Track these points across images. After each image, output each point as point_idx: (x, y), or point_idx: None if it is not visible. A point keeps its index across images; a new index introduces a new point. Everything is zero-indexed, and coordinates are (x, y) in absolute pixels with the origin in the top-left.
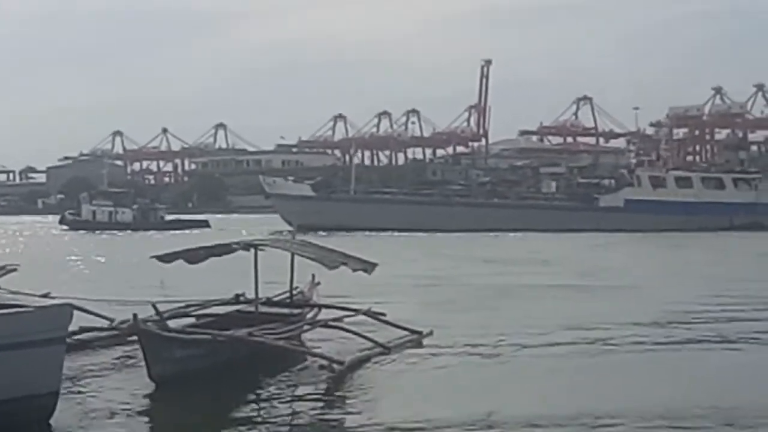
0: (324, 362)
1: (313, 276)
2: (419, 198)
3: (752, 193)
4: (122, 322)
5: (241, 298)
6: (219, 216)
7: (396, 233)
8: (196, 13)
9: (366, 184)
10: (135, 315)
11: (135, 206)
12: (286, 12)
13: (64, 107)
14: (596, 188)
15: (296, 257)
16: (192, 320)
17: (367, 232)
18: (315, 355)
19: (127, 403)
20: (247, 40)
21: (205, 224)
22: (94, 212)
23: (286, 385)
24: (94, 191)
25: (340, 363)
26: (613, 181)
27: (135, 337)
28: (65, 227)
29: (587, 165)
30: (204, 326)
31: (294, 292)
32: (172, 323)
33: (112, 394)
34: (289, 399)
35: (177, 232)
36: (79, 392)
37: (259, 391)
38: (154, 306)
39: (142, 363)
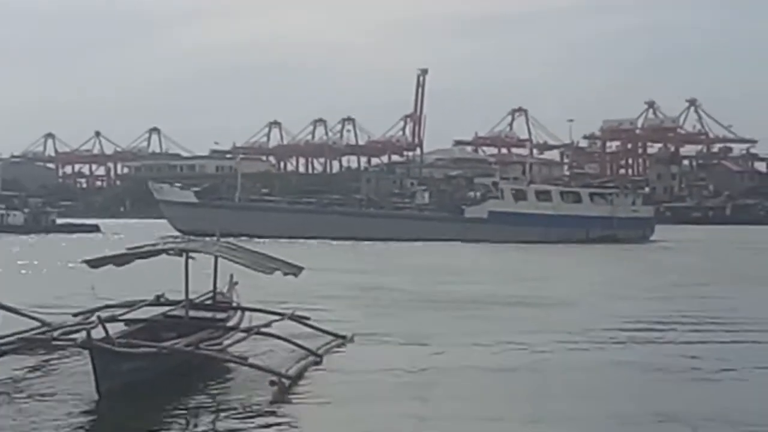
0: (273, 377)
1: (231, 276)
2: (299, 207)
3: (608, 208)
4: (65, 331)
5: (162, 299)
6: (150, 221)
7: (274, 240)
8: (131, 15)
9: (249, 192)
10: (89, 331)
11: (26, 209)
12: (221, 17)
13: None
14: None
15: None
16: (121, 325)
17: (246, 239)
18: (265, 369)
19: (65, 412)
20: (182, 44)
21: (95, 229)
22: None
23: (231, 396)
24: None
25: (288, 377)
26: (479, 193)
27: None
28: None
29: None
30: (136, 333)
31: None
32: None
33: (49, 403)
34: (235, 410)
35: (67, 235)
36: (12, 395)
37: (204, 402)
38: (99, 319)
39: (73, 366)
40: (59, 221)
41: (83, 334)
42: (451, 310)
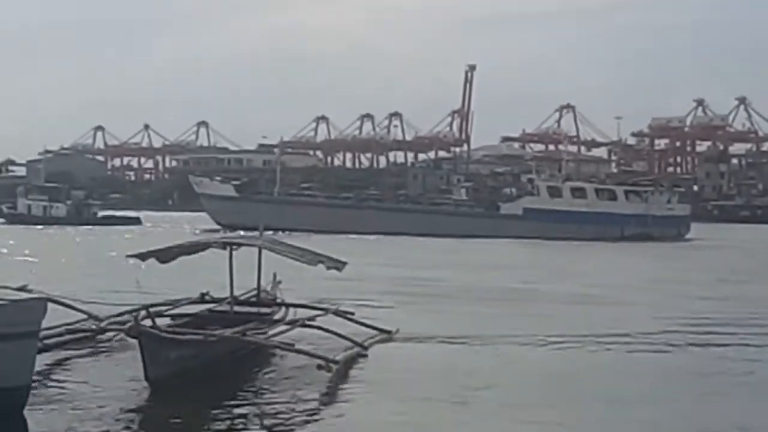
0: (321, 362)
1: (275, 275)
2: (336, 201)
3: (643, 205)
4: (112, 322)
5: (207, 297)
6: (196, 214)
7: (312, 234)
8: (181, 9)
9: (292, 186)
10: (136, 317)
11: (69, 201)
12: (270, 11)
13: (46, 100)
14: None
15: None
16: (167, 320)
17: (284, 233)
18: (311, 354)
19: (115, 403)
20: (232, 39)
21: (136, 221)
22: (29, 206)
23: (278, 383)
24: (30, 185)
25: (335, 362)
26: (514, 189)
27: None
28: (2, 221)
29: (568, 173)
30: (182, 325)
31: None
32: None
33: (99, 391)
34: (283, 396)
35: (109, 227)
36: (62, 387)
37: (256, 390)
38: (146, 309)
39: (121, 358)
40: (101, 213)
41: (131, 323)
42: (497, 307)
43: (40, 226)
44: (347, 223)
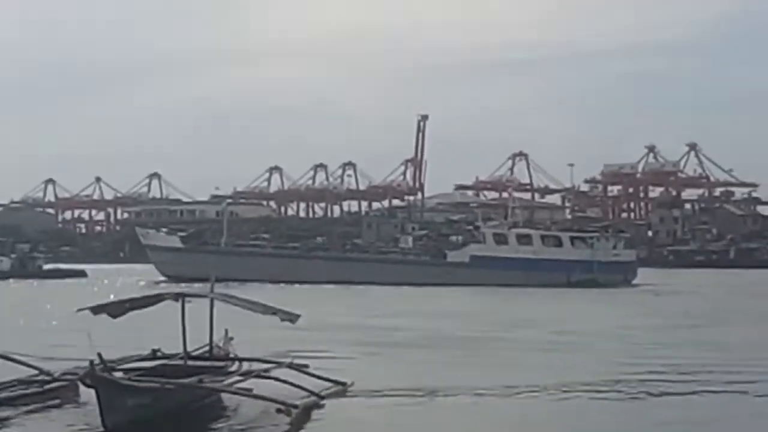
0: (280, 406)
1: (227, 330)
2: (284, 251)
3: (588, 251)
4: (65, 372)
5: (158, 353)
6: (148, 266)
7: (258, 284)
8: (132, 63)
9: (236, 237)
10: (92, 363)
11: (13, 255)
12: (224, 63)
13: None
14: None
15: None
16: (121, 374)
17: (233, 284)
18: (270, 399)
19: None
20: (185, 90)
21: (82, 274)
22: None
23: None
24: None
25: (295, 406)
26: (460, 237)
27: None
28: None
29: (522, 220)
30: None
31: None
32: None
33: None
34: None
35: (55, 281)
36: None
37: None
38: (99, 356)
39: (75, 412)
40: (46, 267)
41: (87, 369)
42: (453, 356)
43: None
44: (295, 272)
